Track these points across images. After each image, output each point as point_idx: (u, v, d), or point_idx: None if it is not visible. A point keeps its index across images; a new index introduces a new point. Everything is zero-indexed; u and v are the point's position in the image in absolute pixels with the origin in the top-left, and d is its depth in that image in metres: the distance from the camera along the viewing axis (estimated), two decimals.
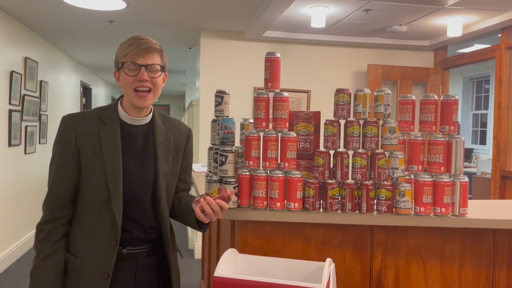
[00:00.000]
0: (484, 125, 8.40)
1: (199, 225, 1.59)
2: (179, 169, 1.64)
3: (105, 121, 1.52)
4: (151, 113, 1.60)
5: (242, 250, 1.78)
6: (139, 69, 1.46)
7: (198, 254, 4.80)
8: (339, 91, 1.84)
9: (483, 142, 8.40)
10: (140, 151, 1.55)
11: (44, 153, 5.60)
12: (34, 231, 5.20)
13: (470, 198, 5.45)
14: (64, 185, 1.49)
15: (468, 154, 8.13)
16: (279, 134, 1.78)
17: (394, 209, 1.78)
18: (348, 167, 1.80)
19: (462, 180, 1.78)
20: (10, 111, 4.42)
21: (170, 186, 1.60)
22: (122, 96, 1.59)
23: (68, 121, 1.52)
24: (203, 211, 1.49)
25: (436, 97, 1.80)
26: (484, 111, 8.34)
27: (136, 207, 1.52)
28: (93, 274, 1.47)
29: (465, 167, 6.96)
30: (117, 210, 1.47)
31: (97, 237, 1.48)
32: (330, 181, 1.79)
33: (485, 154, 8.04)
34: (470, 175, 5.77)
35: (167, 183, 1.58)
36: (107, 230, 1.48)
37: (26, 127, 4.88)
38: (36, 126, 5.23)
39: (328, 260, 1.57)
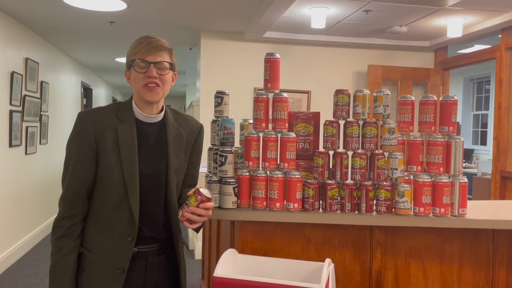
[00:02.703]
0: (484, 125, 8.39)
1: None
2: (187, 164, 1.66)
3: (121, 118, 1.54)
4: (163, 110, 1.62)
5: (241, 251, 1.79)
6: (148, 66, 1.50)
7: (198, 255, 4.81)
8: (338, 92, 1.84)
9: (483, 142, 8.40)
10: (153, 149, 1.57)
11: (45, 154, 5.60)
12: (34, 231, 5.22)
13: (470, 199, 5.46)
14: (83, 181, 1.50)
15: (469, 154, 8.12)
16: (279, 135, 1.78)
17: (393, 210, 1.78)
18: (347, 167, 1.80)
19: (461, 181, 1.78)
20: (11, 112, 4.43)
21: (179, 182, 1.63)
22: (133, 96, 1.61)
23: (86, 117, 1.53)
24: (190, 221, 1.50)
25: (435, 97, 1.80)
26: (485, 112, 8.34)
27: (149, 204, 1.55)
28: (108, 269, 1.49)
29: (465, 168, 7.01)
30: (135, 207, 1.49)
31: (113, 232, 1.50)
32: (330, 181, 1.79)
33: (485, 154, 8.03)
34: (470, 175, 5.77)
35: (177, 179, 1.61)
36: (123, 226, 1.50)
37: (26, 127, 4.88)
38: (36, 126, 5.24)
39: (328, 260, 1.57)
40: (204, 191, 1.48)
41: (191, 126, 1.68)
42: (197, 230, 1.62)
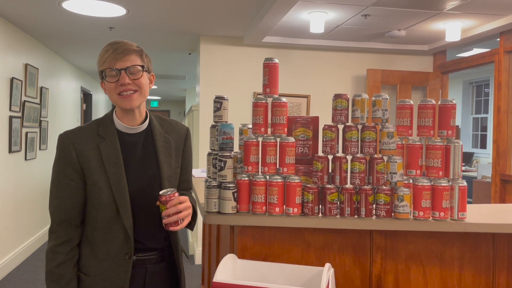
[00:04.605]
0: (484, 129, 8.40)
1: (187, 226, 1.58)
2: (179, 170, 1.64)
3: (103, 136, 1.49)
4: (148, 119, 1.58)
5: (241, 256, 1.78)
6: (119, 73, 1.44)
7: (198, 260, 4.80)
8: (337, 96, 1.85)
9: (483, 146, 8.40)
10: (141, 160, 1.54)
11: (44, 160, 5.60)
12: (34, 237, 5.21)
13: (470, 202, 5.45)
14: (73, 204, 1.46)
15: (469, 158, 8.12)
16: (278, 139, 1.78)
17: (393, 214, 1.78)
18: (346, 172, 1.80)
19: (460, 185, 1.78)
20: (11, 118, 4.44)
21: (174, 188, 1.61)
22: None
23: (66, 139, 1.48)
24: (175, 223, 1.47)
25: (434, 101, 1.81)
26: (484, 115, 8.35)
27: (144, 216, 1.52)
28: None
29: (465, 171, 7.00)
30: (128, 224, 1.46)
31: (108, 252, 1.47)
32: (329, 186, 1.79)
33: (485, 158, 8.03)
34: (470, 179, 5.77)
35: (171, 186, 1.58)
36: (119, 245, 1.46)
37: (26, 133, 4.89)
38: (36, 132, 5.24)
39: (327, 265, 1.57)
40: (162, 192, 1.46)
41: (177, 131, 1.65)
42: (191, 227, 1.60)
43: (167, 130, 1.62)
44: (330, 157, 1.82)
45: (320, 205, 1.80)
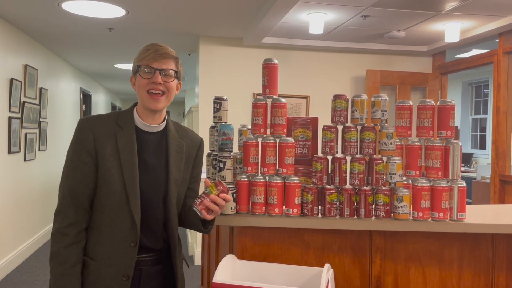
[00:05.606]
0: (483, 129, 8.40)
1: (204, 226, 1.60)
2: (189, 177, 1.66)
3: (121, 125, 1.54)
4: (165, 121, 1.62)
5: (241, 256, 1.78)
6: (153, 72, 1.51)
7: (198, 261, 4.80)
8: (336, 97, 1.85)
9: (482, 146, 8.40)
10: (153, 158, 1.56)
11: (44, 160, 5.60)
12: (33, 238, 5.21)
13: (470, 203, 5.43)
14: (83, 187, 1.49)
15: (468, 158, 8.13)
16: (277, 140, 1.79)
17: (392, 214, 1.78)
18: (346, 172, 1.80)
19: (459, 185, 1.78)
20: (10, 118, 4.43)
21: (180, 194, 1.62)
22: (136, 104, 1.62)
23: (85, 123, 1.53)
24: (208, 210, 1.51)
25: (433, 102, 1.81)
26: (484, 116, 8.35)
27: (148, 211, 1.54)
28: (112, 276, 1.48)
29: (464, 172, 7.00)
30: (136, 212, 1.48)
31: (114, 239, 1.49)
32: (328, 186, 1.79)
33: (485, 158, 8.04)
34: (469, 179, 5.77)
35: (178, 191, 1.60)
36: (125, 232, 1.48)
37: (25, 134, 4.88)
38: (35, 133, 5.24)
39: (327, 265, 1.57)
40: (224, 182, 1.50)
41: (191, 139, 1.69)
42: (207, 227, 1.61)
43: (181, 136, 1.65)
44: (330, 157, 1.82)
45: (320, 206, 1.81)
